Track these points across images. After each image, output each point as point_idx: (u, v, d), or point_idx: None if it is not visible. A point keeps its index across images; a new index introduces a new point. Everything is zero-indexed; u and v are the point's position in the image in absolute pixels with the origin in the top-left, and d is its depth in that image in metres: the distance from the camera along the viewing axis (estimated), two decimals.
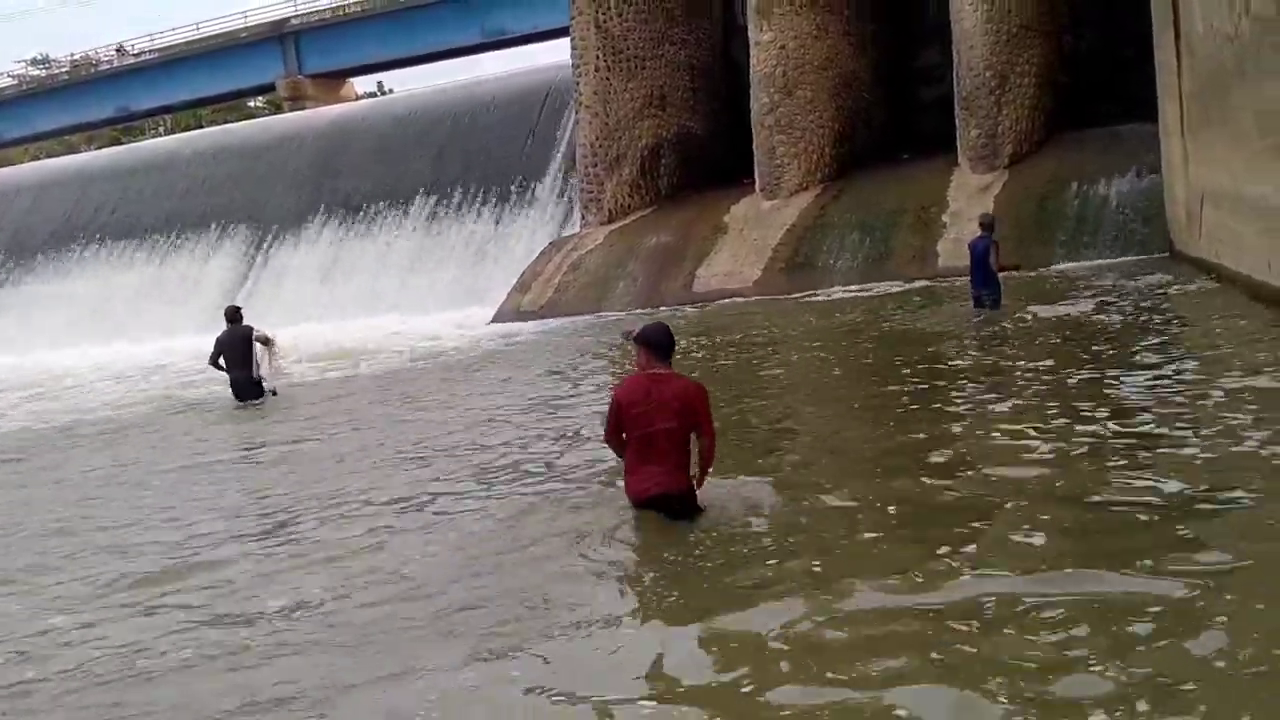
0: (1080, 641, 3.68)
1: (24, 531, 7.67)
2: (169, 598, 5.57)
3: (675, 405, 5.47)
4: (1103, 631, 3.73)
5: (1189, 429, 6.31)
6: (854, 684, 3.61)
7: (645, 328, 5.75)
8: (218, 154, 35.29)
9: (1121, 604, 3.94)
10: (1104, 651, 3.57)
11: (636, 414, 5.50)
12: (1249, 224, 11.18)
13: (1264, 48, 9.78)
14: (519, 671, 4.07)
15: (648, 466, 5.50)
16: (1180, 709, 3.20)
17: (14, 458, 11.63)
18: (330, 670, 4.31)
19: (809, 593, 4.47)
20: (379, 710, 3.92)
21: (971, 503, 5.47)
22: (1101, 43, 21.69)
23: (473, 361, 15.80)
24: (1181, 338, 10.10)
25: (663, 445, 5.47)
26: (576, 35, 24.31)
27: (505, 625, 4.56)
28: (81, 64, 58.78)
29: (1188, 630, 3.67)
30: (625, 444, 5.66)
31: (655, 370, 5.60)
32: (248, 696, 4.14)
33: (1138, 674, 3.40)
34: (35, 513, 8.26)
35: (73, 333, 31.04)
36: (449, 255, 27.70)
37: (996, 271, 13.38)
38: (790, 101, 22.35)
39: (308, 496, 7.57)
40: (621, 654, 4.17)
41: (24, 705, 4.36)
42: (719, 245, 21.83)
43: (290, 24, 49.43)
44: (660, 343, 5.62)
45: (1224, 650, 3.49)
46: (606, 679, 3.94)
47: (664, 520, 5.55)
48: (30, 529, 7.71)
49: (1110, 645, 3.62)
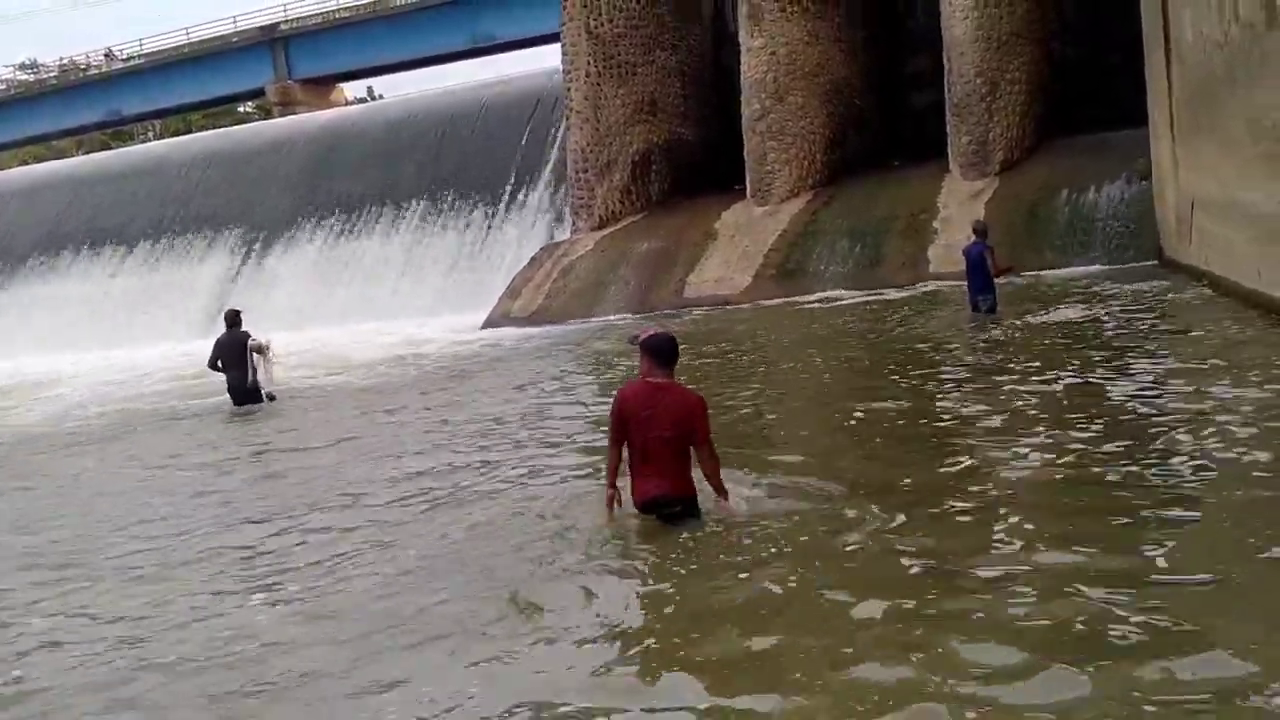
0: (1062, 645, 3.67)
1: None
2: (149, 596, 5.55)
3: (674, 415, 5.51)
4: (1083, 631, 3.73)
5: (1178, 437, 6.31)
6: (847, 692, 3.59)
7: (652, 336, 5.78)
8: (208, 159, 35.22)
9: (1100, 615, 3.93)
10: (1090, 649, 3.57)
11: (637, 420, 5.56)
12: (1239, 231, 11.21)
13: (1253, 55, 9.81)
14: (503, 674, 4.08)
15: (648, 471, 5.56)
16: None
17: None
18: (315, 670, 4.31)
19: (801, 603, 4.45)
20: (365, 710, 3.90)
21: (971, 515, 5.46)
22: (1091, 50, 21.77)
23: (462, 367, 15.75)
24: (1170, 345, 10.07)
25: (660, 452, 5.52)
26: (567, 41, 24.31)
27: (491, 626, 4.57)
28: (70, 69, 58.60)
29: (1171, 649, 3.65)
30: (625, 450, 5.69)
31: (657, 378, 5.64)
32: (225, 696, 4.15)
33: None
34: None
35: (59, 338, 30.89)
36: (440, 261, 27.66)
37: (995, 277, 13.41)
38: (781, 108, 22.38)
39: (295, 500, 7.53)
40: (606, 659, 4.16)
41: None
42: (710, 251, 21.83)
43: (280, 29, 49.34)
44: (664, 351, 5.67)
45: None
46: (591, 685, 3.92)
47: (660, 524, 5.54)
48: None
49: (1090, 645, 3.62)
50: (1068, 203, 19.00)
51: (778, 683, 3.71)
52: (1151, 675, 3.42)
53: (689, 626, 4.33)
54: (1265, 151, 9.73)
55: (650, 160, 24.55)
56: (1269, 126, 9.52)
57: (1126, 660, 3.55)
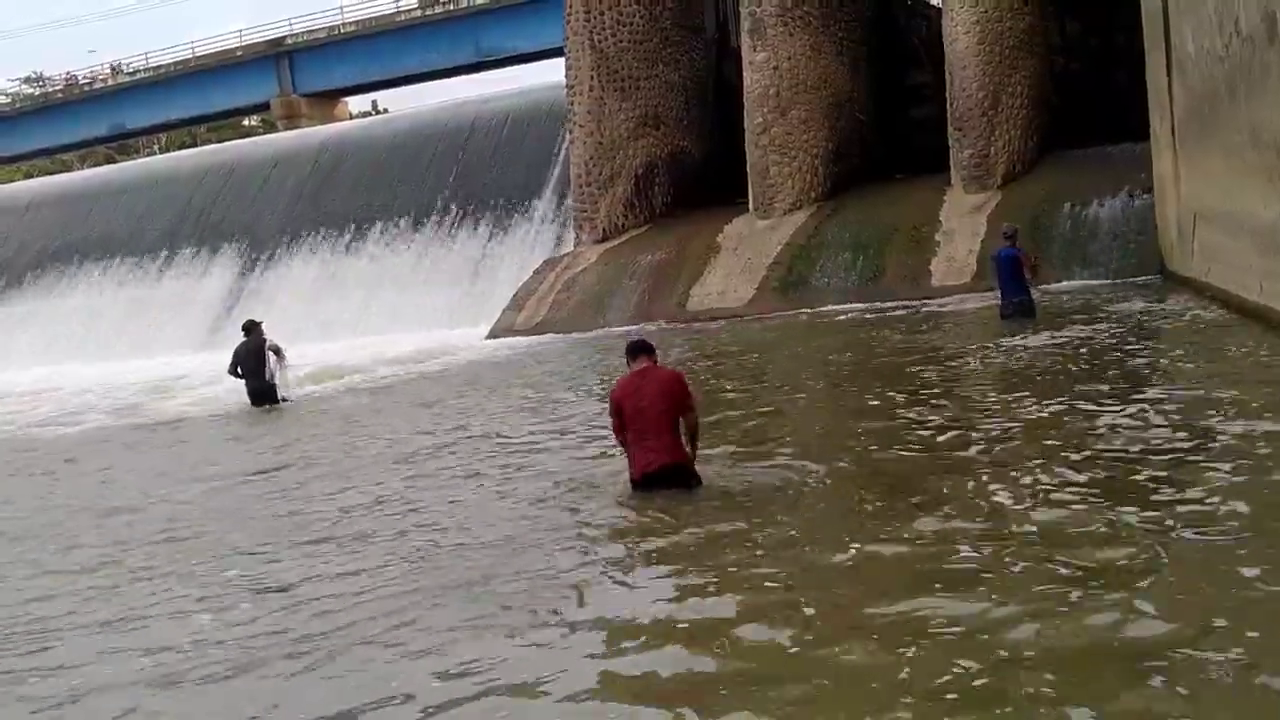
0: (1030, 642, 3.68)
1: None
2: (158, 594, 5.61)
3: (660, 389, 6.50)
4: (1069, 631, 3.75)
5: (1184, 454, 6.31)
6: (857, 677, 3.64)
7: (629, 341, 7.15)
8: (212, 172, 35.28)
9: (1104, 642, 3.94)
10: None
11: (631, 406, 6.50)
12: (1241, 244, 11.22)
13: (1255, 67, 9.84)
14: (506, 663, 4.18)
15: (645, 445, 6.44)
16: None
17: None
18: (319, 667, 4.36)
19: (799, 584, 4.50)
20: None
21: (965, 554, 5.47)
22: (1093, 64, 21.85)
23: (466, 378, 15.76)
24: (1171, 359, 10.08)
25: (655, 426, 6.43)
26: (571, 55, 24.42)
27: (498, 617, 4.71)
28: (75, 85, 58.85)
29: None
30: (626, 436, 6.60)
31: (639, 365, 6.72)
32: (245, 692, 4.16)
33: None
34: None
35: (58, 351, 30.94)
36: (443, 274, 27.67)
37: (1031, 280, 13.41)
38: (784, 121, 22.44)
39: (314, 497, 7.56)
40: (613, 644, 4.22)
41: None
42: (712, 264, 21.87)
43: (285, 43, 49.59)
44: (635, 348, 6.84)
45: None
46: (592, 671, 4.02)
47: (660, 500, 6.25)
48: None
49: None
50: (1070, 216, 19.02)
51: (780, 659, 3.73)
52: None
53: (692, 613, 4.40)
54: (1266, 164, 9.74)
55: (653, 173, 24.61)
56: (1270, 139, 9.54)
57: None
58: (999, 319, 13.58)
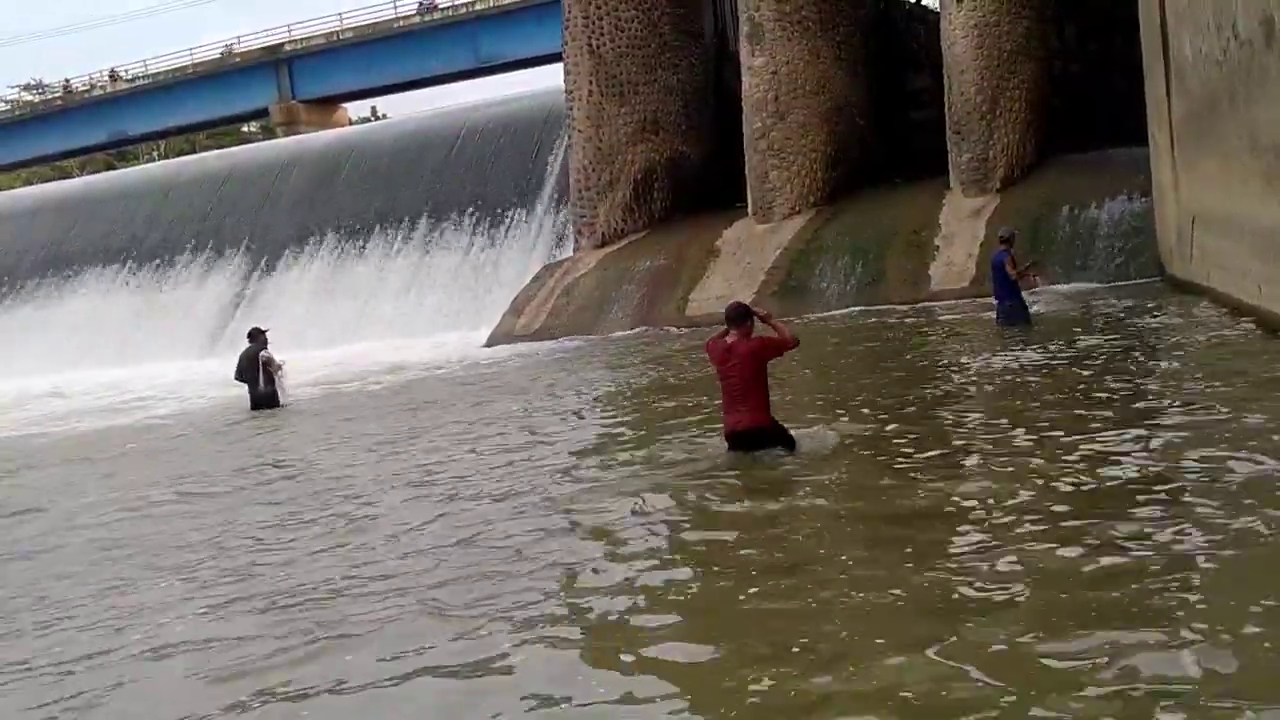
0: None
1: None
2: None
3: (742, 361, 7.18)
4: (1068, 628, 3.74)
5: (1181, 457, 6.31)
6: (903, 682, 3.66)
7: (728, 305, 7.70)
8: (212, 179, 35.31)
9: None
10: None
11: (720, 370, 7.29)
12: (1239, 247, 11.23)
13: (1253, 71, 9.85)
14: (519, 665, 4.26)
15: (735, 407, 7.23)
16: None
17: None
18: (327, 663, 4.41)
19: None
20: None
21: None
22: (1091, 68, 21.86)
23: (465, 384, 15.76)
24: (1172, 362, 10.07)
25: (740, 391, 7.18)
26: (570, 61, 24.44)
27: (508, 614, 4.84)
28: (74, 92, 58.87)
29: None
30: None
31: (731, 338, 7.31)
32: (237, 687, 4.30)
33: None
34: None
35: (59, 358, 30.91)
36: (442, 279, 27.71)
37: (1015, 280, 13.32)
38: (783, 126, 22.46)
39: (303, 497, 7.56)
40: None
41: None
42: (712, 269, 21.88)
43: (284, 49, 49.59)
44: (732, 314, 7.40)
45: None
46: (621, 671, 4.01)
47: (744, 461, 7.09)
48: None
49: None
50: (1069, 219, 19.04)
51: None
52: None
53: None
54: (1265, 167, 9.75)
55: (652, 178, 24.63)
56: (1269, 142, 9.55)
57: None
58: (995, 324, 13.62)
